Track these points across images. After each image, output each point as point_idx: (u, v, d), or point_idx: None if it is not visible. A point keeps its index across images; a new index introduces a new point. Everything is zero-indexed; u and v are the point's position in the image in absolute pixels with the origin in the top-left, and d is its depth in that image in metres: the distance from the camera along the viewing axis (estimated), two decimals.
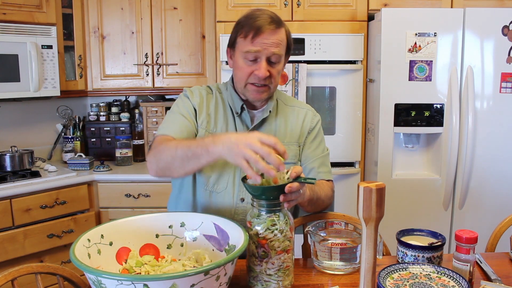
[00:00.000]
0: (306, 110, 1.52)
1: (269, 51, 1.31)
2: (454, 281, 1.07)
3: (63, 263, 2.46)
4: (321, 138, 1.52)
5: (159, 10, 2.80)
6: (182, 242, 1.20)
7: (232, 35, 1.39)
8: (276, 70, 1.36)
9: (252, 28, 1.30)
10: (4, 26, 2.36)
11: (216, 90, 1.49)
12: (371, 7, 2.54)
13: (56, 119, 2.98)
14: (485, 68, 2.34)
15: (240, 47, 1.35)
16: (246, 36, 1.32)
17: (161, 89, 2.90)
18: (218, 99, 1.46)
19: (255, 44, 1.31)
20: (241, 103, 1.42)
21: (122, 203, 2.60)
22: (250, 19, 1.33)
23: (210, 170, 1.39)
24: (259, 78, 1.33)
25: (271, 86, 1.38)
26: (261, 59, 1.32)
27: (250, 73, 1.34)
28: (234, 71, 1.42)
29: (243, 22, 1.34)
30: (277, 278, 1.10)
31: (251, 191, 1.09)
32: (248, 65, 1.34)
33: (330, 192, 1.45)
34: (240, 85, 1.39)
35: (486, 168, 2.40)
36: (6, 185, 2.30)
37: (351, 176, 2.64)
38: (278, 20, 1.33)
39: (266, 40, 1.30)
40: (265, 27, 1.30)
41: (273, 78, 1.36)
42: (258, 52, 1.31)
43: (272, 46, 1.31)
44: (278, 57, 1.34)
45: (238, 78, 1.39)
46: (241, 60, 1.35)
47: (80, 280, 1.24)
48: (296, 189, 1.08)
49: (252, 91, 1.37)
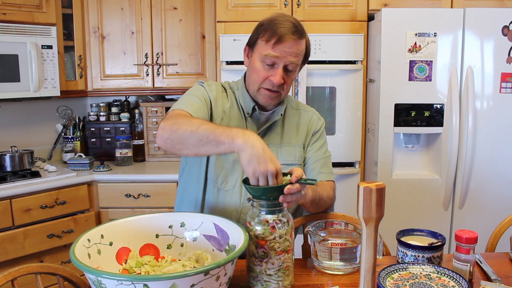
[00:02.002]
0: (311, 113, 1.55)
1: (288, 60, 1.32)
2: (454, 281, 1.07)
3: (63, 263, 2.46)
4: (324, 141, 1.54)
5: (159, 10, 2.80)
6: (182, 242, 1.20)
7: (253, 35, 1.38)
8: (290, 78, 1.37)
9: (275, 34, 1.30)
10: (4, 26, 2.36)
11: (229, 88, 1.48)
12: (371, 7, 2.54)
13: (56, 119, 2.98)
14: (485, 68, 2.34)
15: (260, 49, 1.34)
16: (268, 40, 1.31)
17: (161, 89, 2.90)
18: (232, 98, 1.46)
19: (275, 50, 1.31)
20: (252, 104, 1.41)
21: (122, 203, 2.60)
22: (275, 24, 1.32)
23: (220, 167, 1.39)
24: (273, 84, 1.33)
25: (282, 93, 1.38)
26: (279, 66, 1.32)
27: (265, 78, 1.34)
28: (249, 72, 1.41)
29: (266, 25, 1.34)
30: (277, 278, 1.10)
31: (252, 192, 1.10)
32: (265, 69, 1.34)
33: (332, 193, 1.46)
34: (253, 87, 1.39)
35: (486, 168, 2.40)
36: (6, 185, 2.30)
37: (351, 176, 2.64)
38: (301, 30, 1.33)
39: (287, 49, 1.31)
40: (288, 36, 1.30)
41: (286, 85, 1.37)
42: (277, 58, 1.31)
43: (291, 55, 1.32)
44: (295, 66, 1.34)
45: (253, 80, 1.38)
46: (258, 63, 1.35)
47: (80, 280, 1.24)
48: (296, 190, 1.08)
49: (264, 96, 1.37)
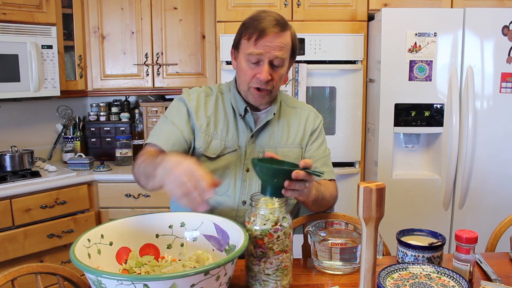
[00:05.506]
0: (308, 111, 1.51)
1: (272, 54, 1.29)
2: (454, 281, 1.07)
3: (63, 263, 2.46)
4: (323, 139, 1.51)
5: (159, 10, 2.80)
6: (182, 242, 1.20)
7: (236, 36, 1.37)
8: (278, 74, 1.33)
9: (256, 30, 1.28)
10: (4, 26, 2.36)
11: (217, 91, 1.46)
12: (371, 7, 2.54)
13: (56, 119, 2.98)
14: (485, 68, 2.34)
15: (244, 49, 1.32)
16: (249, 38, 1.30)
17: (161, 89, 2.90)
18: (219, 100, 1.44)
19: (258, 47, 1.28)
20: (244, 105, 1.40)
21: (122, 203, 2.60)
22: (255, 20, 1.30)
23: (212, 173, 1.38)
24: (260, 82, 1.31)
25: (272, 90, 1.35)
26: (264, 62, 1.30)
27: (253, 76, 1.32)
28: (237, 73, 1.40)
29: (248, 24, 1.32)
30: (275, 278, 1.10)
31: (259, 170, 1.10)
32: (251, 68, 1.32)
33: (335, 192, 1.45)
34: (243, 87, 1.37)
35: (486, 168, 2.40)
36: (6, 185, 2.30)
37: (351, 176, 2.64)
38: (283, 23, 1.31)
39: (269, 43, 1.28)
40: (269, 30, 1.27)
41: (275, 82, 1.34)
42: (261, 54, 1.29)
43: (275, 50, 1.29)
44: (281, 60, 1.31)
45: (241, 80, 1.37)
46: (244, 62, 1.33)
47: (80, 280, 1.24)
48: (303, 177, 1.08)
49: (254, 95, 1.35)
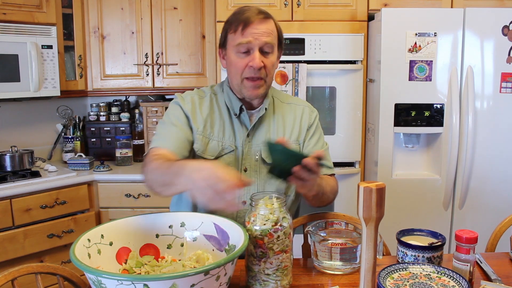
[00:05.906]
0: (303, 106, 1.51)
1: (261, 41, 1.30)
2: (454, 281, 1.07)
3: (63, 263, 2.46)
4: (320, 133, 1.51)
5: (159, 10, 2.80)
6: (182, 242, 1.20)
7: (222, 35, 1.39)
8: (269, 61, 1.34)
9: (241, 21, 1.31)
10: (4, 26, 2.36)
11: (210, 92, 1.46)
12: (371, 7, 2.54)
13: (56, 119, 2.98)
14: (485, 68, 2.34)
15: (232, 42, 1.34)
16: (235, 30, 1.31)
17: (161, 89, 2.90)
18: (213, 102, 1.44)
19: (245, 35, 1.30)
20: (239, 104, 1.40)
21: (122, 203, 2.60)
22: (238, 14, 1.34)
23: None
24: (254, 70, 1.31)
25: (266, 79, 1.35)
26: (254, 50, 1.31)
27: (245, 66, 1.32)
28: (228, 69, 1.40)
29: (231, 19, 1.36)
30: (275, 278, 1.10)
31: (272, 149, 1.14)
32: (242, 58, 1.32)
33: (336, 186, 1.46)
34: (236, 81, 1.36)
35: (486, 168, 2.40)
36: (6, 185, 2.30)
37: (351, 176, 2.64)
38: (266, 12, 1.34)
39: (256, 30, 1.30)
40: (254, 17, 1.30)
41: (267, 69, 1.34)
42: (250, 43, 1.30)
43: (263, 36, 1.30)
44: (270, 46, 1.33)
45: (233, 74, 1.37)
46: (233, 55, 1.34)
47: (80, 280, 1.24)
48: (312, 166, 1.09)
49: (248, 87, 1.35)
